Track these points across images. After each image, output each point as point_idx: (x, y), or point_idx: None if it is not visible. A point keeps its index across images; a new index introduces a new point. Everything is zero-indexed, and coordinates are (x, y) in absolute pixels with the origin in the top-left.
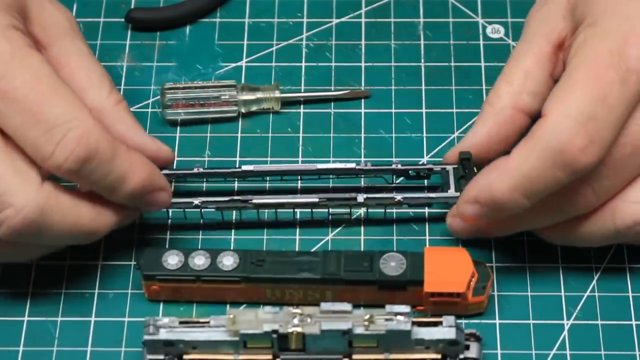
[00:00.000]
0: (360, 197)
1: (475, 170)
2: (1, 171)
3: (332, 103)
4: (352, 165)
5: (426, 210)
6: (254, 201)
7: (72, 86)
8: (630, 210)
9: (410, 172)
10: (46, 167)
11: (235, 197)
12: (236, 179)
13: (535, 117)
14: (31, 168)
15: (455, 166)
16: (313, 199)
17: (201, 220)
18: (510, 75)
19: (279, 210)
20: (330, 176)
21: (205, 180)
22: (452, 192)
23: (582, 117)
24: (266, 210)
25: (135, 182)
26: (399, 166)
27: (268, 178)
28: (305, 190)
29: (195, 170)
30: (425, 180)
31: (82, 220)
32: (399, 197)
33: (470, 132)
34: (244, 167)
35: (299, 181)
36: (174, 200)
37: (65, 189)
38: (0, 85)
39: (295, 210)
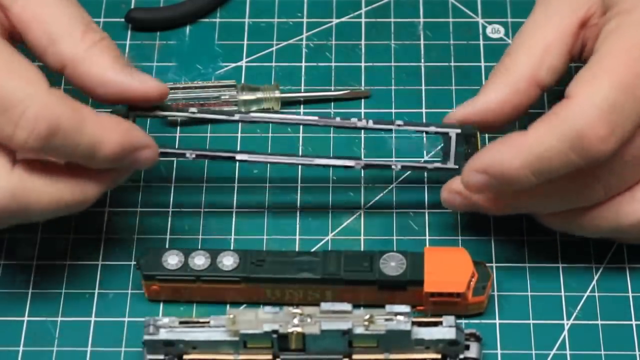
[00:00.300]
0: (357, 166)
1: (478, 136)
2: None
3: (332, 103)
4: (354, 121)
5: (426, 210)
6: (244, 158)
7: (42, 42)
8: (636, 209)
9: (412, 129)
10: (13, 147)
11: (230, 155)
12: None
13: (546, 90)
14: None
15: (458, 131)
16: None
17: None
18: (531, 46)
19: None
20: (331, 168)
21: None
22: (450, 164)
23: (607, 105)
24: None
25: (111, 146)
26: (404, 127)
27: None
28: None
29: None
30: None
31: (63, 196)
32: (398, 166)
33: (482, 95)
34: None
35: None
36: (167, 150)
37: (42, 166)
38: None
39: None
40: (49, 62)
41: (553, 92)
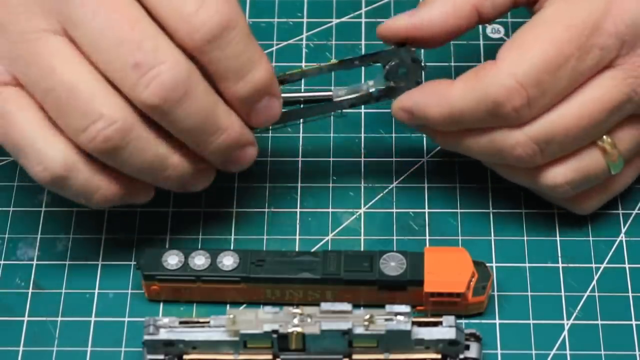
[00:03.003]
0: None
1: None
2: (153, 29)
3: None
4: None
5: (426, 210)
6: None
7: None
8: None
9: (355, 61)
10: (183, 30)
11: None
12: None
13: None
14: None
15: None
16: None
17: None
18: None
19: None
20: (331, 168)
21: None
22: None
23: (527, 80)
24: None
25: (264, 72)
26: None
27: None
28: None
29: None
30: None
31: (215, 110)
32: (340, 95)
33: (425, 10)
34: None
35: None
36: None
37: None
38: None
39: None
40: None
41: None
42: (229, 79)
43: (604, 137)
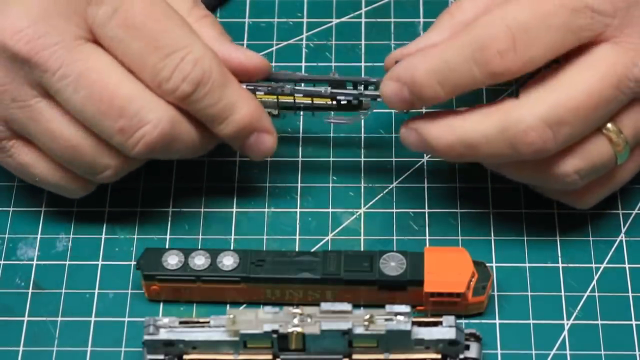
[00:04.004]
0: (287, 88)
1: None
2: (133, 92)
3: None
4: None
5: (426, 210)
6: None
7: None
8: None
9: (346, 83)
10: (161, 92)
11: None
12: None
13: None
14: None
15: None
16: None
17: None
18: None
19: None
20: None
21: None
22: (377, 92)
23: (514, 23)
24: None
25: (244, 112)
26: (336, 76)
27: None
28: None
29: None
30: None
31: (203, 133)
32: (328, 90)
33: (424, 36)
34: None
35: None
36: None
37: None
38: (119, 13)
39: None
40: None
41: None
42: (212, 122)
43: (609, 125)
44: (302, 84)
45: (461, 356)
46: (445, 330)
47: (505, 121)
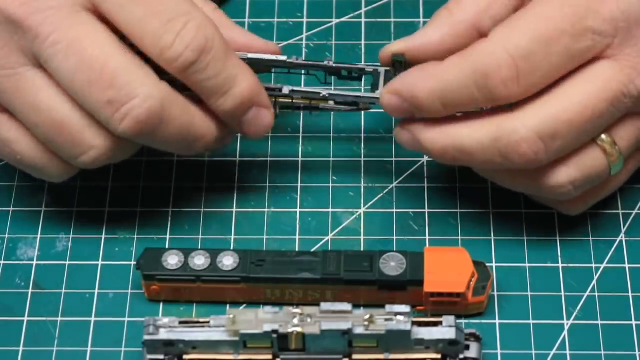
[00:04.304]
0: (286, 89)
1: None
2: (124, 64)
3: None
4: (284, 57)
5: (426, 210)
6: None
7: None
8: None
9: (342, 71)
10: (163, 61)
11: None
12: None
13: None
14: (148, 66)
15: (388, 69)
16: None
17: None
18: None
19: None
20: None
21: None
22: (379, 92)
23: (516, 52)
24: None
25: (245, 85)
26: (331, 63)
27: None
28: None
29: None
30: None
31: (195, 121)
32: (324, 92)
33: (422, 32)
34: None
35: None
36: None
37: (179, 91)
38: None
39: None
40: None
41: None
42: (212, 96)
43: (604, 136)
44: (302, 82)
45: (461, 356)
46: (445, 330)
47: (498, 131)
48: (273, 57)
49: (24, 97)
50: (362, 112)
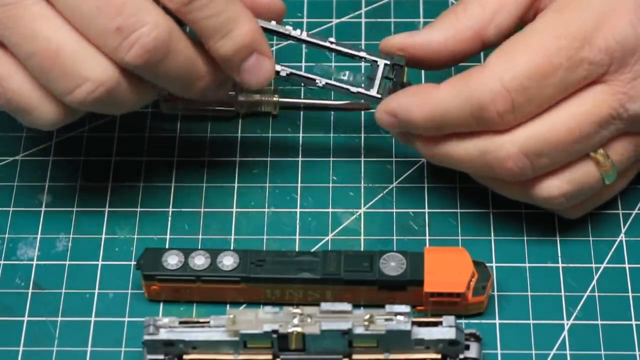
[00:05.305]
0: (283, 72)
1: (406, 72)
2: (79, 51)
3: (332, 112)
4: (289, 29)
5: (426, 210)
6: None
7: None
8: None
9: (343, 51)
10: None
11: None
12: None
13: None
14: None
15: (387, 62)
16: None
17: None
18: (486, 0)
19: None
20: (331, 169)
21: None
22: (374, 91)
23: (513, 86)
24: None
25: (246, 28)
26: (333, 45)
27: None
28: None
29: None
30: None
31: (195, 62)
32: (322, 82)
33: (426, 31)
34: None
35: None
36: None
37: (182, 29)
38: None
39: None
40: None
41: None
42: (212, 37)
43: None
44: (303, 46)
45: (461, 356)
46: (445, 330)
47: (486, 146)
48: (278, 28)
49: (21, 26)
50: (362, 112)
